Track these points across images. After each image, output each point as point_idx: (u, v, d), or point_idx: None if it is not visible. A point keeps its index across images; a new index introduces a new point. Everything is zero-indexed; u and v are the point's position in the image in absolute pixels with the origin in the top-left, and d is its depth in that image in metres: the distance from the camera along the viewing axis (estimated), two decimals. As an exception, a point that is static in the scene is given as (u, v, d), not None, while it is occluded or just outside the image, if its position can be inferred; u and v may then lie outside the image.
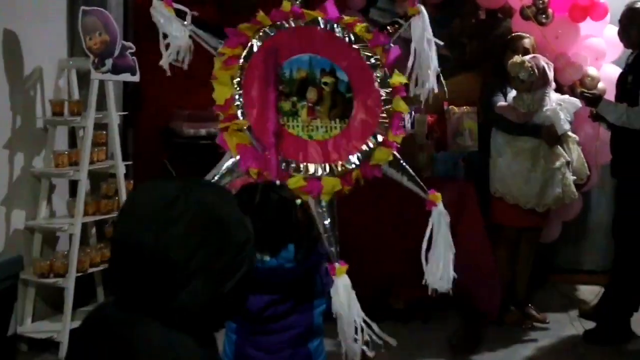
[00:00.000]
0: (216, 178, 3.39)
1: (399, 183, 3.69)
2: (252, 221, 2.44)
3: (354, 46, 3.63)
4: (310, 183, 3.37)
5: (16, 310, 4.50)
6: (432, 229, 3.61)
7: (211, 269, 1.61)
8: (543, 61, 5.10)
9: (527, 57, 5.09)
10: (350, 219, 5.26)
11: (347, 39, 3.65)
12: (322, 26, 3.64)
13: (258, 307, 2.67)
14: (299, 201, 2.85)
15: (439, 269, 3.58)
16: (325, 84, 3.55)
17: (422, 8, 3.89)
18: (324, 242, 3.21)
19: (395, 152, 3.65)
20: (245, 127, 3.40)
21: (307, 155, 3.45)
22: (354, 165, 3.46)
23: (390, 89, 3.59)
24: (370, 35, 3.72)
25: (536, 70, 5.03)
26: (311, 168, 3.42)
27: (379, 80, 3.58)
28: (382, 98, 3.58)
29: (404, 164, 3.71)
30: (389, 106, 3.58)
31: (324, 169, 3.43)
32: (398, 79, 3.59)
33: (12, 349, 3.29)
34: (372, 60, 3.58)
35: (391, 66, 3.69)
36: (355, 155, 3.48)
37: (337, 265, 3.24)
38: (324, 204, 3.39)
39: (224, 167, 3.47)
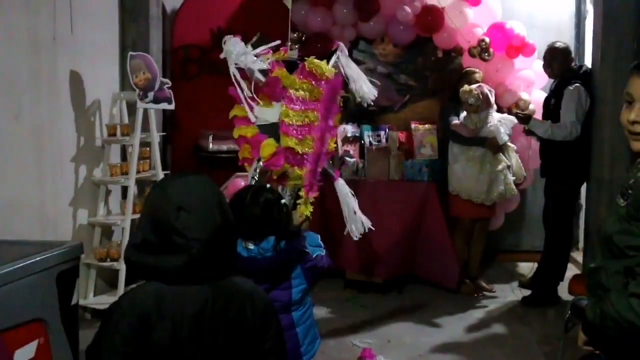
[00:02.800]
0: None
1: None
2: (241, 215, 2.55)
3: None
4: None
5: (80, 286, 4.57)
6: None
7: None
8: (486, 89, 5.16)
9: (474, 86, 5.14)
10: (337, 215, 5.36)
11: None
12: None
13: None
14: (284, 201, 2.80)
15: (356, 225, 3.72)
16: None
17: (341, 44, 3.89)
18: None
19: None
20: None
21: None
22: None
23: None
24: None
25: (481, 96, 5.08)
26: None
27: None
28: None
29: None
30: None
31: None
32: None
33: (75, 315, 3.34)
34: None
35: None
36: None
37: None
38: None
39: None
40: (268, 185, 2.92)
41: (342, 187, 3.68)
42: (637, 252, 1.84)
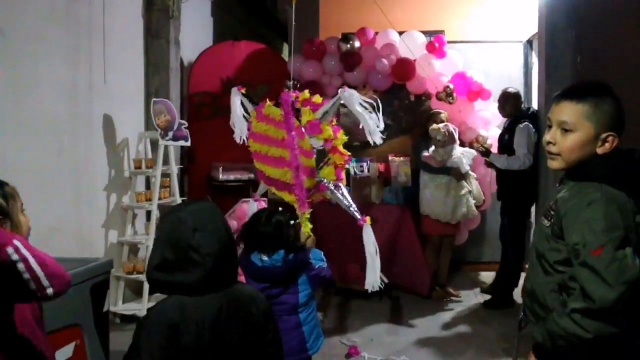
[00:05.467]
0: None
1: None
2: (258, 233, 2.62)
3: None
4: None
5: (111, 295, 4.54)
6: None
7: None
8: (451, 127, 5.19)
9: (441, 125, 5.18)
10: (329, 234, 5.37)
11: None
12: None
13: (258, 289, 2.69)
14: (292, 222, 2.82)
15: (371, 274, 3.35)
16: None
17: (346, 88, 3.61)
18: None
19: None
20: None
21: None
22: None
23: None
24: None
25: (447, 133, 5.12)
26: None
27: None
28: None
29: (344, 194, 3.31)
30: None
31: None
32: None
33: (106, 320, 3.32)
34: None
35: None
36: None
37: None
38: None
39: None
40: (280, 209, 2.94)
41: (366, 233, 3.31)
42: (565, 266, 1.78)
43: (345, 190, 3.25)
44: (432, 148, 5.30)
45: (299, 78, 5.88)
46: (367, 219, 3.22)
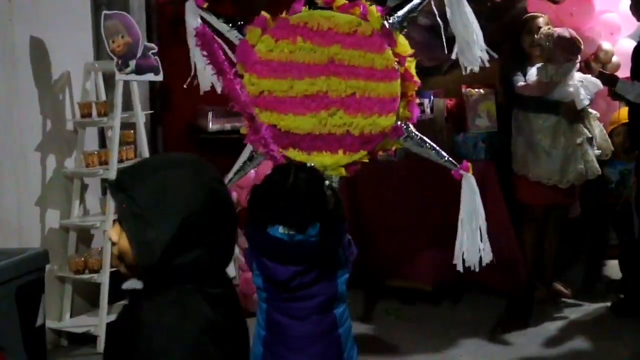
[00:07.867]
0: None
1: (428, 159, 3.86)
2: (285, 200, 2.69)
3: None
4: None
5: (53, 305, 4.59)
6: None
7: None
8: (570, 32, 5.07)
9: (559, 29, 5.10)
10: (375, 208, 5.31)
11: None
12: None
13: (286, 276, 2.73)
14: (327, 182, 2.88)
15: (466, 243, 3.57)
16: None
17: None
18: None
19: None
20: None
21: None
22: None
23: None
24: None
25: (562, 40, 5.01)
26: None
27: None
28: None
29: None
30: None
31: None
32: None
33: (42, 339, 3.34)
34: None
35: None
36: None
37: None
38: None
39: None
40: (309, 164, 3.05)
41: (467, 187, 3.62)
42: None
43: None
44: (533, 70, 5.23)
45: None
46: (469, 166, 3.39)
